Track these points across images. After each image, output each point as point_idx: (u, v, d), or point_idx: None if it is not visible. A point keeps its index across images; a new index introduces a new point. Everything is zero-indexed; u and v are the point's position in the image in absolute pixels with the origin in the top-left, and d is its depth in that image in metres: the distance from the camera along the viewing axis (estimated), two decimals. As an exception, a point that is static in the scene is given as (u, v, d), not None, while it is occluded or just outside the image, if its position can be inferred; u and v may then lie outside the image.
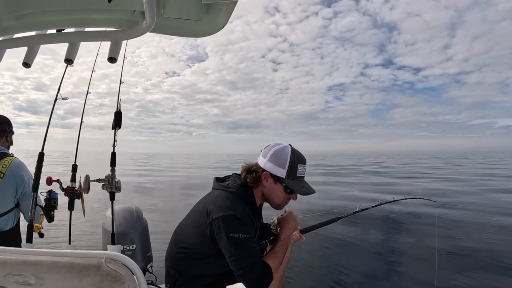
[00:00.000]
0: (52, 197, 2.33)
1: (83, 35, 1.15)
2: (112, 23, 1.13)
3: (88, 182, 2.43)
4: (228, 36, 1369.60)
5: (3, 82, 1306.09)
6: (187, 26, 1.13)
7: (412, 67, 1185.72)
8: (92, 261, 1.10)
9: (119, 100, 2.63)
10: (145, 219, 3.09)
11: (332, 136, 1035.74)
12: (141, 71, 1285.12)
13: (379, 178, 21.95)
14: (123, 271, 1.10)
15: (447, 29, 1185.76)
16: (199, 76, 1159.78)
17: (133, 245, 2.82)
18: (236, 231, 1.66)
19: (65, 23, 1.12)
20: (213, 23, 1.10)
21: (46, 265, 1.11)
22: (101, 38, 1.22)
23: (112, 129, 2.59)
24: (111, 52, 1.23)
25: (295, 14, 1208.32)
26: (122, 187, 2.54)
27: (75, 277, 1.09)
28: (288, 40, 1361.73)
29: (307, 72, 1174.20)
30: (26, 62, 1.21)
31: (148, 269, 2.98)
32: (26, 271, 1.11)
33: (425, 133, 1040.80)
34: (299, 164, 1.78)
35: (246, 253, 1.66)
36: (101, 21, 1.12)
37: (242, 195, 1.80)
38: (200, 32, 1.15)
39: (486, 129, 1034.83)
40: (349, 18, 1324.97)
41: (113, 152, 2.54)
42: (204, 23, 1.09)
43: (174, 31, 1.16)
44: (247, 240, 1.67)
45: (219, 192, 1.83)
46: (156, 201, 11.17)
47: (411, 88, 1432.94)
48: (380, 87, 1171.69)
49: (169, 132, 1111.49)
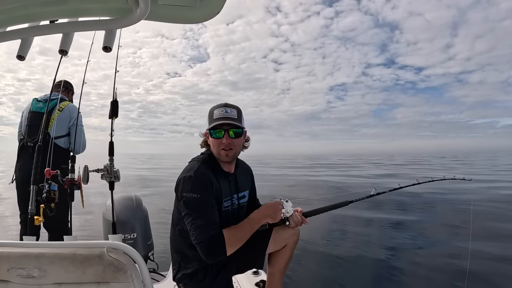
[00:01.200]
0: (51, 189, 2.34)
1: (77, 25, 1.14)
2: (106, 12, 1.11)
3: (87, 172, 2.44)
4: (230, 37, 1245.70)
5: (4, 84, 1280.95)
6: (182, 12, 1.12)
7: (414, 67, 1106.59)
8: (94, 251, 1.11)
9: (115, 89, 2.61)
10: (145, 207, 3.11)
11: (334, 136, 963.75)
12: (142, 72, 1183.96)
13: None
14: (125, 260, 1.11)
15: (449, 28, 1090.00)
16: (201, 77, 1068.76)
17: (134, 234, 2.84)
18: (189, 191, 1.69)
19: (58, 13, 1.10)
20: (208, 9, 1.08)
21: (49, 257, 1.11)
22: (95, 28, 1.20)
23: (109, 118, 2.58)
24: (106, 41, 1.22)
25: (296, 13, 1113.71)
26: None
27: (78, 268, 1.10)
28: (289, 40, 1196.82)
29: (308, 72, 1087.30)
30: (20, 54, 1.20)
31: (149, 257, 3.01)
32: (29, 264, 1.11)
33: (427, 133, 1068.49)
34: (215, 109, 1.83)
35: (197, 212, 1.67)
36: (95, 10, 1.10)
37: (204, 160, 1.86)
38: (195, 18, 1.14)
39: (489, 128, 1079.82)
40: (351, 17, 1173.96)
41: (110, 142, 2.54)
42: (199, 9, 1.07)
43: (169, 18, 1.15)
44: (198, 199, 1.68)
45: (188, 164, 1.90)
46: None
47: (413, 87, 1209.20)
48: (382, 87, 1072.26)
49: (171, 133, 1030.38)
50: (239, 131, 1.84)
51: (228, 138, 1.80)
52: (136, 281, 1.12)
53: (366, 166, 31.01)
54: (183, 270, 1.86)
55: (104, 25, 1.15)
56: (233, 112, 1.82)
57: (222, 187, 1.85)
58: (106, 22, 1.13)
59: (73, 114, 3.27)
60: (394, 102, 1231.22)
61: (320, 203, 2.21)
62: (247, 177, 2.14)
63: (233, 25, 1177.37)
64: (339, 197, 2.36)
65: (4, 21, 1.09)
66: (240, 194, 2.01)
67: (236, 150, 1.88)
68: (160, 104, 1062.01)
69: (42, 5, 1.05)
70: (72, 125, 3.27)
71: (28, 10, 1.06)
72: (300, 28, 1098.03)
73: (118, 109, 2.58)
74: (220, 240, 1.67)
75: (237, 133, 1.83)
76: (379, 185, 2.38)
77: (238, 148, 1.89)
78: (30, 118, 3.22)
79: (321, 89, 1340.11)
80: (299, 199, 2.13)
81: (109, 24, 1.14)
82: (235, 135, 1.82)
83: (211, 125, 1.79)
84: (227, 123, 1.78)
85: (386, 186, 2.48)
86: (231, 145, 1.82)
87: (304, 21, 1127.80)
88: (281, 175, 21.69)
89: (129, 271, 1.10)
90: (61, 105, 3.27)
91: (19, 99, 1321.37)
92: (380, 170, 24.25)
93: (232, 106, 1.85)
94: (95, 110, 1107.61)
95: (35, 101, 3.32)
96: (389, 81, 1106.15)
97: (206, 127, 1.84)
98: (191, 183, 1.71)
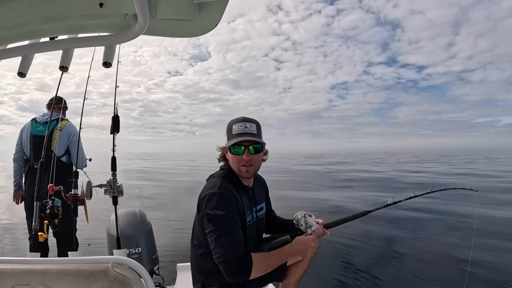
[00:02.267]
0: (55, 205, 2.34)
1: (76, 41, 1.15)
2: (105, 28, 1.13)
3: (90, 188, 2.44)
4: (231, 35, 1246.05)
5: (5, 83, 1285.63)
6: (180, 26, 1.13)
7: (416, 65, 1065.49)
8: (99, 267, 1.11)
9: (115, 105, 2.63)
10: (149, 221, 3.10)
11: (335, 135, 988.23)
12: (143, 71, 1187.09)
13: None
14: (130, 275, 1.10)
15: (451, 26, 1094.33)
16: (202, 75, 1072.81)
17: (139, 248, 2.82)
18: (214, 208, 1.64)
19: (58, 30, 1.12)
20: (206, 22, 1.10)
21: (53, 273, 1.11)
22: (94, 44, 1.22)
23: (111, 134, 2.59)
24: (106, 57, 1.24)
25: (297, 12, 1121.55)
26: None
27: (83, 284, 1.09)
28: (291, 39, 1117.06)
29: (310, 71, 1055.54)
30: (21, 72, 1.21)
31: (155, 271, 2.99)
32: (34, 280, 1.11)
33: (428, 132, 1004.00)
34: (233, 124, 1.80)
35: (223, 230, 1.63)
36: (94, 26, 1.12)
37: (225, 176, 1.83)
38: (193, 32, 1.15)
39: (490, 127, 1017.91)
40: (352, 15, 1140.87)
41: (113, 157, 2.54)
42: (197, 22, 1.08)
43: (167, 33, 1.16)
44: (223, 217, 1.64)
45: (208, 181, 1.86)
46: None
47: (415, 86, 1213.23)
48: (383, 85, 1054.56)
49: (172, 131, 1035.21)
50: (259, 147, 1.80)
51: (249, 155, 1.77)
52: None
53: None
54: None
55: (104, 41, 1.16)
56: (252, 127, 1.78)
57: (244, 202, 1.83)
58: (106, 38, 1.14)
59: (71, 132, 3.55)
60: (396, 100, 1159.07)
61: (339, 215, 2.19)
62: (262, 188, 2.12)
63: (234, 24, 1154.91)
64: (360, 205, 2.34)
65: (4, 39, 1.11)
66: (258, 207, 2.00)
67: (257, 166, 1.84)
68: (161, 103, 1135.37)
69: (42, 22, 1.06)
70: (70, 142, 3.53)
71: (29, 27, 1.08)
72: (301, 26, 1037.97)
73: (119, 125, 2.59)
74: (247, 263, 1.62)
75: (257, 148, 1.79)
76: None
77: (258, 164, 1.85)
78: (33, 142, 3.43)
79: (322, 88, 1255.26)
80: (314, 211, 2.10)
81: (108, 40, 1.15)
82: (255, 151, 1.79)
83: (230, 141, 1.76)
84: (247, 139, 1.76)
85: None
86: (251, 161, 1.79)
87: (306, 19, 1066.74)
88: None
89: (134, 286, 1.10)
90: (61, 124, 3.52)
91: (20, 98, 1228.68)
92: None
93: (251, 121, 1.81)
94: (96, 109, 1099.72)
95: (34, 124, 3.53)
96: (390, 79, 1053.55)
97: (222, 140, 1.82)
98: (216, 199, 1.66)
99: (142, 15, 0.96)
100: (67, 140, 3.53)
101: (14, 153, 3.55)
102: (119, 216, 2.66)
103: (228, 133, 1.79)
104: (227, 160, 1.88)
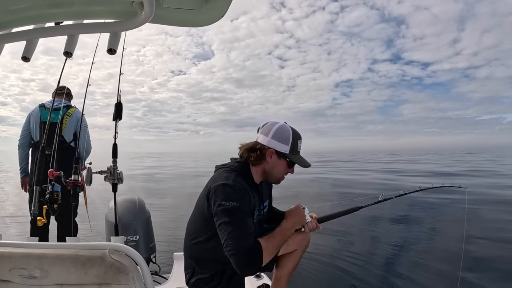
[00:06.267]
0: (54, 190, 2.35)
1: (81, 27, 1.14)
2: (111, 15, 1.12)
3: (90, 174, 2.45)
4: (234, 33, 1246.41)
5: (9, 84, 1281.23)
6: (187, 16, 1.12)
7: (421, 62, 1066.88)
8: (96, 253, 1.11)
9: (119, 92, 2.63)
10: (147, 210, 3.12)
11: (339, 133, 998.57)
12: (147, 70, 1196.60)
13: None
14: (127, 262, 1.11)
15: (456, 22, 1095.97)
16: (205, 74, 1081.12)
17: (136, 236, 2.84)
18: (227, 199, 1.64)
19: (63, 15, 1.11)
20: (213, 12, 1.09)
21: (51, 258, 1.12)
22: (100, 30, 1.21)
23: (113, 121, 2.59)
24: (110, 44, 1.23)
25: (301, 9, 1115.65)
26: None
27: (80, 269, 1.10)
28: (294, 36, 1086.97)
29: (314, 69, 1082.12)
30: (25, 56, 1.21)
31: (151, 259, 3.01)
32: (31, 264, 1.12)
33: (433, 129, 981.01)
34: (298, 140, 1.89)
35: (236, 222, 1.62)
36: (100, 12, 1.11)
37: (240, 170, 1.85)
38: (199, 22, 1.14)
39: (495, 124, 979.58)
40: (357, 12, 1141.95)
41: (114, 144, 2.55)
42: (203, 12, 1.07)
43: (174, 21, 1.15)
44: (238, 208, 1.63)
45: (218, 171, 1.89)
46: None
47: (420, 83, 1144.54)
48: (388, 83, 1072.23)
49: (176, 131, 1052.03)
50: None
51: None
52: (138, 283, 1.12)
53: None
54: (198, 275, 1.84)
55: (109, 28, 1.16)
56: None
57: (255, 198, 1.86)
58: (111, 25, 1.13)
59: (79, 118, 3.61)
60: (400, 98, 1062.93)
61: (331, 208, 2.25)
62: (268, 186, 2.15)
63: (237, 22, 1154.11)
64: (349, 202, 2.46)
65: (9, 23, 1.10)
66: (265, 204, 2.05)
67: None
68: (165, 103, 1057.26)
69: (48, 7, 1.05)
70: (78, 127, 3.62)
71: (34, 11, 1.07)
72: (305, 23, 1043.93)
73: (122, 111, 2.59)
74: (258, 250, 1.62)
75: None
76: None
77: None
78: (43, 128, 3.42)
79: (326, 86, 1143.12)
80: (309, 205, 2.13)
81: (114, 27, 1.14)
82: None
83: (294, 156, 1.88)
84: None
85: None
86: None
87: (309, 17, 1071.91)
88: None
89: (130, 273, 1.10)
90: (70, 110, 3.66)
91: (24, 99, 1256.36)
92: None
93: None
94: (100, 110, 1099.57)
95: (44, 110, 3.59)
96: (395, 77, 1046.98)
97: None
98: (231, 191, 1.67)
99: (149, 3, 0.95)
100: (75, 125, 3.63)
101: (19, 138, 3.57)
102: (118, 203, 2.67)
103: (293, 145, 1.86)
104: (250, 155, 1.88)
